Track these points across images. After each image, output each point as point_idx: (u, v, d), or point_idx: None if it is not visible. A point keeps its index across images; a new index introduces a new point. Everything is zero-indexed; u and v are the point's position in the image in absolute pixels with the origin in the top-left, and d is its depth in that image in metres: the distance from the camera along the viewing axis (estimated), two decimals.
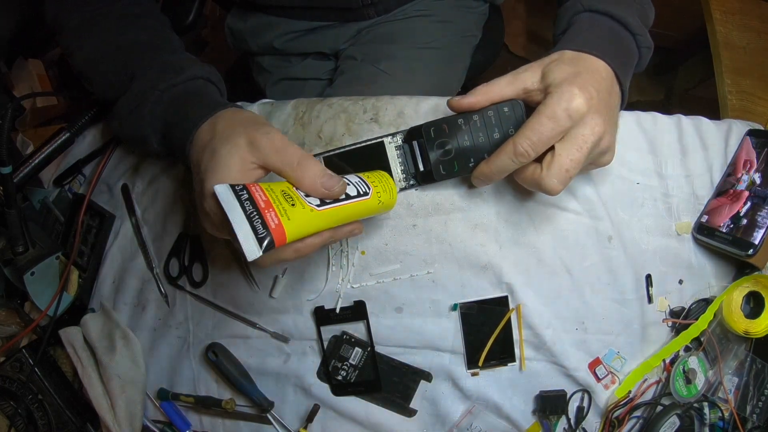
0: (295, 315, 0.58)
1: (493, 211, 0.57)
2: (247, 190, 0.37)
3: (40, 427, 0.57)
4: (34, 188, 0.65)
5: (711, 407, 0.57)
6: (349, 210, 0.42)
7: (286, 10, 0.80)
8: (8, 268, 0.59)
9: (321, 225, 0.40)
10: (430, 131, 0.50)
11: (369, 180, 0.46)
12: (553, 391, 0.57)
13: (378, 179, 0.47)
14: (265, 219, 0.36)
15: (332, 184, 0.40)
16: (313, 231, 0.40)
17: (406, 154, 0.53)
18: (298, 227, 0.37)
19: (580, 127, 0.43)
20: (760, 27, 0.73)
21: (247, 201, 0.36)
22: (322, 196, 0.40)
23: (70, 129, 0.61)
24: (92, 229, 0.62)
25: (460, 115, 0.49)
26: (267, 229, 0.35)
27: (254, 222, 0.35)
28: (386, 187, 0.47)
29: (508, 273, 0.56)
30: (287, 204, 0.38)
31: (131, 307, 0.62)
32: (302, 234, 0.38)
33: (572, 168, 0.43)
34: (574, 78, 0.43)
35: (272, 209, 0.37)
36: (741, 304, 0.55)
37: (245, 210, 0.36)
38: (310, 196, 0.40)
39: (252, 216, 0.36)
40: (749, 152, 0.56)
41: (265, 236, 0.35)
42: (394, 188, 0.48)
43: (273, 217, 0.36)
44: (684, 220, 0.58)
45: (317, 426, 0.59)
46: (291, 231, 0.37)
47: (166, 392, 0.60)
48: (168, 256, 0.60)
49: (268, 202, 0.37)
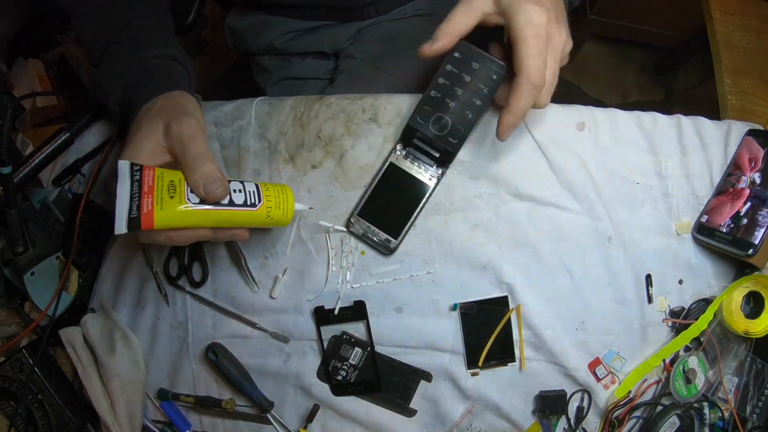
0: (295, 315, 0.58)
1: (493, 211, 0.57)
2: (141, 172, 0.41)
3: (40, 427, 0.57)
4: (34, 188, 0.65)
5: (711, 407, 0.57)
6: (230, 216, 0.44)
7: (286, 9, 0.80)
8: (8, 268, 0.59)
9: (196, 222, 0.42)
10: (418, 120, 0.52)
11: (266, 193, 0.47)
12: (553, 391, 0.57)
13: (276, 194, 0.48)
14: (141, 202, 0.39)
15: (213, 189, 0.42)
16: (185, 225, 0.42)
17: (416, 154, 0.55)
18: (169, 218, 0.41)
19: (549, 39, 0.45)
20: (760, 27, 0.73)
21: (137, 182, 0.40)
22: (200, 196, 0.42)
23: (70, 129, 0.61)
24: (92, 229, 0.62)
25: (431, 88, 0.51)
26: (139, 212, 0.39)
27: (133, 202, 0.39)
28: (281, 204, 0.48)
29: (508, 273, 0.56)
30: (167, 195, 0.41)
31: (131, 307, 0.62)
32: (172, 225, 0.41)
33: (555, 79, 0.46)
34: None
35: (151, 196, 0.40)
36: (741, 304, 0.55)
37: (132, 189, 0.39)
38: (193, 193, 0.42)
39: (134, 196, 0.39)
40: (755, 150, 0.56)
41: (135, 218, 0.39)
42: (290, 206, 0.49)
43: (149, 203, 0.40)
44: (684, 220, 0.58)
45: (317, 426, 0.59)
46: (160, 219, 0.40)
47: (166, 392, 0.60)
48: (168, 256, 0.60)
49: (151, 188, 0.40)
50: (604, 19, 1.50)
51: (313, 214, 0.58)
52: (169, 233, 0.42)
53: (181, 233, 0.43)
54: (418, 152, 0.55)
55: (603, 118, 0.58)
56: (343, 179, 0.58)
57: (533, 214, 0.57)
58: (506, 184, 0.57)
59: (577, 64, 1.70)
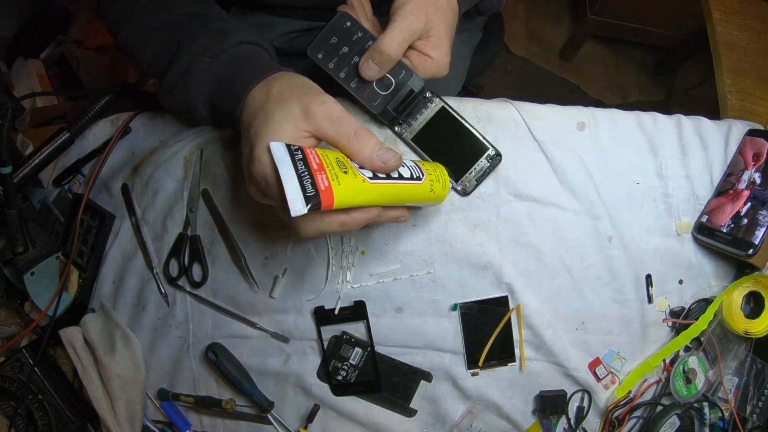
0: (295, 315, 0.58)
1: (493, 211, 0.57)
2: (302, 151, 0.37)
3: (40, 427, 0.57)
4: (34, 188, 0.65)
5: (711, 407, 0.57)
6: (401, 190, 0.42)
7: (286, 10, 0.80)
8: (8, 268, 0.59)
9: (371, 199, 0.39)
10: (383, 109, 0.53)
11: (425, 167, 0.46)
12: (553, 391, 0.57)
13: (433, 169, 0.47)
14: (315, 179, 0.35)
15: (389, 158, 0.40)
16: (362, 203, 0.39)
17: (410, 113, 0.55)
18: (348, 194, 0.37)
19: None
20: (760, 27, 0.73)
21: (300, 161, 0.36)
22: (377, 168, 0.40)
23: (70, 129, 0.61)
24: (92, 229, 0.62)
25: (338, 77, 0.52)
26: (316, 189, 0.35)
27: (304, 181, 0.35)
28: (440, 178, 0.46)
29: (508, 273, 0.56)
30: (340, 170, 0.37)
31: (131, 307, 0.62)
32: (351, 203, 0.37)
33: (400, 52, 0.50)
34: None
35: (324, 172, 0.36)
36: (741, 304, 0.55)
37: (297, 168, 0.35)
38: (364, 169, 0.40)
39: (303, 175, 0.35)
40: (758, 144, 0.56)
41: (313, 195, 0.34)
42: (447, 181, 0.48)
43: (324, 179, 0.35)
44: (684, 220, 0.58)
45: (317, 426, 0.59)
46: (340, 196, 0.36)
47: (166, 392, 0.60)
48: (168, 256, 0.60)
49: (321, 165, 0.36)
50: (604, 19, 1.50)
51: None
52: (343, 218, 0.39)
53: (355, 216, 0.39)
54: (407, 110, 0.54)
55: (603, 118, 0.58)
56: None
57: (533, 214, 0.57)
58: (506, 184, 0.57)
59: (577, 64, 1.70)
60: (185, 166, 0.60)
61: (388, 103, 0.52)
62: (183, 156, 0.60)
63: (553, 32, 1.72)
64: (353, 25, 0.51)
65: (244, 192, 0.59)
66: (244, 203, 0.59)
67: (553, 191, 0.57)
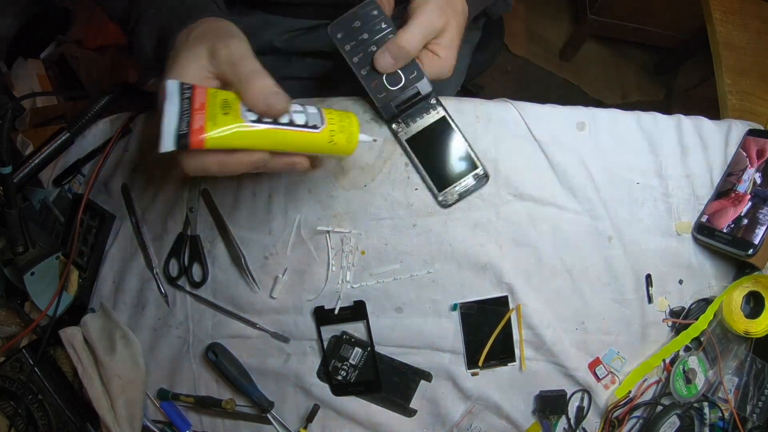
0: (295, 315, 0.58)
1: (493, 211, 0.57)
2: (192, 90, 0.38)
3: (40, 427, 0.57)
4: (34, 188, 0.65)
5: (711, 407, 0.57)
6: (290, 137, 0.40)
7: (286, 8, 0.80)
8: (8, 268, 0.59)
9: (252, 142, 0.39)
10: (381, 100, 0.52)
11: (329, 116, 0.44)
12: (553, 391, 0.57)
13: (339, 120, 0.44)
14: (191, 119, 0.36)
15: (274, 101, 0.39)
16: (241, 146, 0.38)
17: (410, 113, 0.55)
18: (223, 136, 0.37)
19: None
20: (760, 27, 0.73)
21: (186, 100, 0.37)
22: (261, 111, 0.39)
23: (69, 129, 0.61)
24: (92, 229, 0.62)
25: (352, 63, 0.52)
26: (189, 128, 0.35)
27: (183, 119, 0.36)
28: (345, 130, 0.44)
29: (508, 273, 0.56)
30: (221, 111, 0.37)
31: (131, 307, 0.62)
32: (227, 144, 0.37)
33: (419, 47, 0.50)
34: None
35: (202, 112, 0.36)
36: (741, 304, 0.55)
37: (181, 107, 0.36)
38: (251, 111, 0.39)
39: (184, 113, 0.36)
40: (761, 141, 0.56)
41: (184, 134, 0.35)
42: (354, 134, 0.45)
43: (200, 119, 0.36)
44: (684, 220, 0.58)
45: (317, 426, 0.59)
46: (213, 137, 0.36)
47: (166, 392, 0.60)
48: (168, 256, 0.60)
49: (202, 105, 0.37)
50: (604, 19, 1.50)
51: (311, 218, 0.58)
52: (222, 157, 0.38)
53: (236, 157, 0.39)
54: (409, 111, 0.55)
55: (603, 118, 0.58)
56: (344, 179, 0.58)
57: (533, 214, 0.57)
58: (506, 184, 0.57)
59: (577, 64, 1.70)
60: None
61: (392, 99, 0.52)
62: None
63: (553, 32, 1.72)
64: (379, 14, 0.50)
65: (244, 192, 0.59)
66: (244, 203, 0.59)
67: (553, 191, 0.57)
